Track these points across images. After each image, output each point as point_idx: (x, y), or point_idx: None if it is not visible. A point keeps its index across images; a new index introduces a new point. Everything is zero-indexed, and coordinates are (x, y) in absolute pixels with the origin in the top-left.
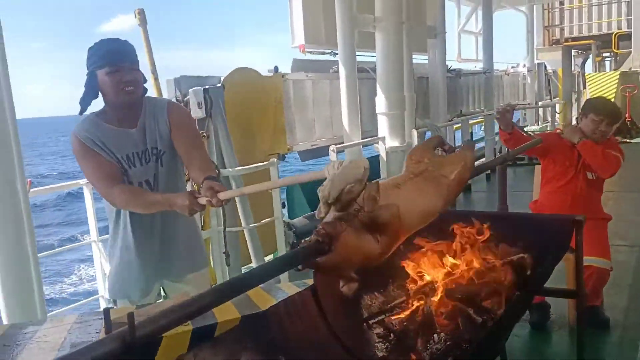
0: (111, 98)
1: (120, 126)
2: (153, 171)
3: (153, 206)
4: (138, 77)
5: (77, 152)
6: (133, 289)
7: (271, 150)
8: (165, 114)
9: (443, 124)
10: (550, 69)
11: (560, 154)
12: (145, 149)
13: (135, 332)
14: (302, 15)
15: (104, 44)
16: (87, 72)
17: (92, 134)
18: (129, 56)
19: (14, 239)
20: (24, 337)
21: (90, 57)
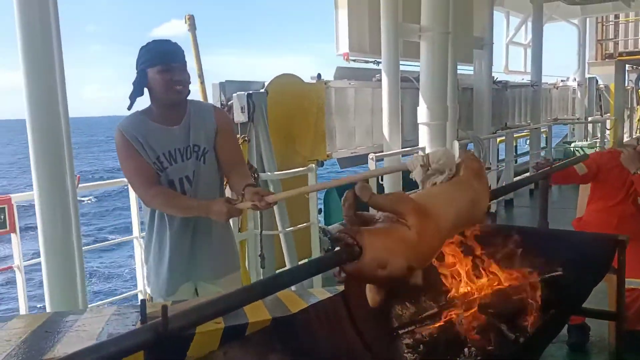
0: (160, 96)
1: (163, 123)
2: (193, 168)
3: (188, 211)
4: (187, 78)
5: (119, 148)
6: (163, 287)
7: (310, 156)
8: (213, 116)
9: (486, 136)
10: (602, 84)
11: (612, 174)
12: (188, 145)
13: (168, 325)
14: (347, 24)
15: (157, 44)
16: (138, 70)
17: (137, 131)
18: (179, 57)
19: (61, 231)
20: (64, 325)
21: (142, 55)
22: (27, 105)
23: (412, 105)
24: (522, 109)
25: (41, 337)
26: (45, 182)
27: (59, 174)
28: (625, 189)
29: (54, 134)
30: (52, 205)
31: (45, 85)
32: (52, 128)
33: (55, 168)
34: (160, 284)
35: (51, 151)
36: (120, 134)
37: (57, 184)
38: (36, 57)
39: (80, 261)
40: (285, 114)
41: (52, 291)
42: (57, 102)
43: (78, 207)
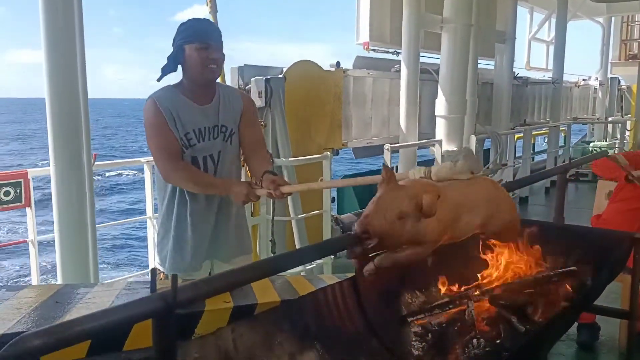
0: (194, 73)
1: (194, 100)
2: (219, 148)
3: (209, 188)
4: (222, 57)
5: (149, 118)
6: (184, 264)
7: (326, 144)
8: (240, 100)
9: (504, 132)
10: (625, 85)
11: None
12: (216, 125)
13: (177, 295)
14: (368, 13)
15: (196, 22)
16: (175, 46)
17: (171, 103)
18: (217, 36)
19: (76, 207)
20: (75, 296)
21: (181, 32)
22: (47, 83)
23: (430, 98)
24: (542, 107)
25: (51, 307)
26: (61, 158)
27: (76, 151)
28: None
29: (72, 112)
30: (68, 181)
31: (66, 64)
32: (71, 106)
33: (73, 145)
34: (184, 261)
35: (69, 128)
36: (154, 103)
37: (73, 161)
38: (57, 36)
39: (94, 236)
40: (302, 100)
41: (65, 265)
42: (77, 80)
43: (93, 184)
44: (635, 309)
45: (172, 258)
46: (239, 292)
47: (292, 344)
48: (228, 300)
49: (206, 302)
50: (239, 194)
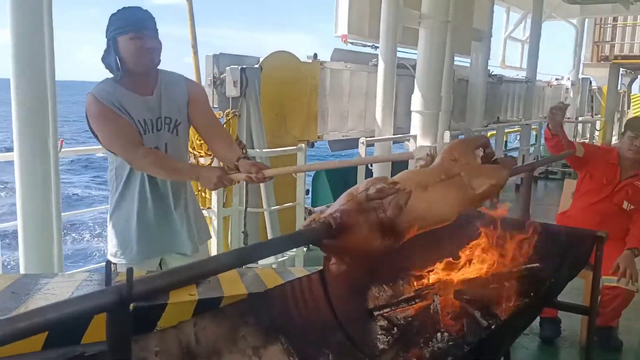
0: (131, 64)
1: (136, 92)
2: (165, 140)
3: (177, 173)
4: (158, 45)
5: (95, 114)
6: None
7: (301, 136)
8: (184, 87)
9: (478, 129)
10: (596, 86)
11: (600, 169)
12: (159, 116)
13: (132, 289)
14: (347, 5)
15: (127, 12)
16: (108, 38)
17: (112, 96)
18: (150, 24)
19: (41, 194)
20: (33, 287)
21: (113, 23)
22: (13, 64)
23: (407, 93)
24: (515, 105)
25: (7, 297)
26: (27, 144)
27: (42, 136)
28: (610, 187)
29: (38, 95)
30: (33, 167)
31: (32, 45)
32: (37, 89)
33: (38, 130)
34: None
35: (35, 113)
36: (94, 98)
37: (39, 146)
38: (24, 15)
39: (59, 226)
40: (278, 91)
41: (27, 254)
42: (44, 62)
43: (59, 171)
44: (596, 305)
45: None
46: (205, 285)
47: (256, 338)
48: (193, 293)
49: (170, 294)
50: (209, 178)
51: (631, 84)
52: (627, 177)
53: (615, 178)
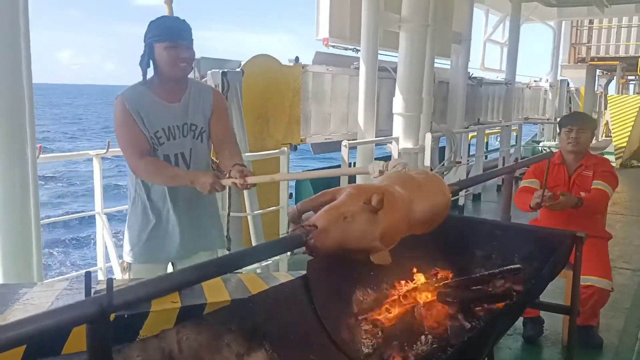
0: (164, 71)
1: (164, 98)
2: (190, 146)
3: (176, 179)
4: (192, 56)
5: (118, 117)
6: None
7: (284, 139)
8: (211, 97)
9: (458, 131)
10: (573, 87)
11: (551, 177)
12: (185, 123)
13: (113, 300)
14: (328, 9)
15: (166, 20)
16: (145, 44)
17: (139, 103)
18: (187, 35)
19: (19, 202)
20: (12, 297)
21: (151, 30)
22: None
23: (389, 95)
24: (495, 106)
25: None
26: (4, 151)
27: (19, 143)
28: (564, 186)
29: (15, 101)
30: (11, 175)
31: (8, 48)
32: (14, 94)
33: (16, 136)
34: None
35: (12, 118)
36: (122, 103)
37: (16, 153)
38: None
39: (37, 234)
40: (260, 95)
41: (5, 263)
42: (21, 67)
43: (37, 178)
44: (576, 304)
45: (147, 248)
46: (188, 291)
47: (240, 345)
48: (176, 300)
49: (152, 302)
50: (204, 183)
51: (607, 85)
52: (573, 170)
53: (564, 176)
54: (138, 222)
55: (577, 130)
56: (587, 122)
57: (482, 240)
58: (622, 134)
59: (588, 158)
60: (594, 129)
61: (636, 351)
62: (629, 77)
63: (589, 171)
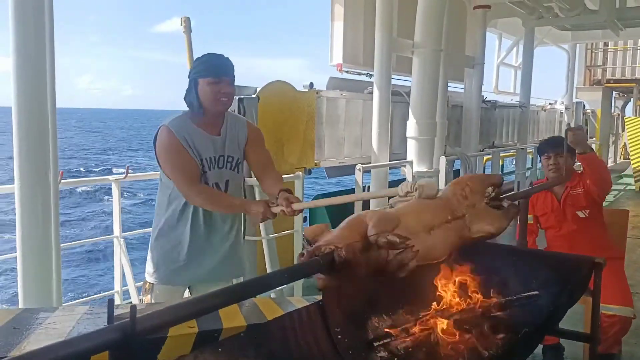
0: (206, 105)
1: (206, 130)
2: (226, 177)
3: (230, 208)
4: (233, 92)
5: (165, 145)
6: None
7: (298, 163)
8: (246, 130)
9: (473, 154)
10: (589, 109)
11: (539, 207)
12: (222, 155)
13: (136, 325)
14: (342, 36)
15: (211, 57)
16: (190, 79)
17: (185, 132)
18: (229, 72)
19: (41, 226)
20: (34, 322)
21: (196, 66)
22: (15, 95)
23: (402, 119)
24: (510, 129)
25: (9, 332)
26: (27, 175)
27: (43, 168)
28: (557, 211)
29: (40, 126)
30: (33, 199)
31: (34, 75)
32: (39, 120)
33: (39, 162)
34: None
35: (35, 143)
36: (169, 131)
37: (39, 178)
38: (27, 43)
39: (58, 259)
40: (275, 120)
41: (27, 288)
42: (46, 93)
43: (59, 203)
44: (597, 332)
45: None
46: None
47: None
48: (192, 325)
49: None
50: (257, 212)
51: (624, 106)
52: (562, 193)
53: (554, 201)
54: (164, 244)
55: (555, 155)
56: (562, 146)
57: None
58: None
59: (573, 178)
60: (573, 151)
61: None
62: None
63: (579, 188)
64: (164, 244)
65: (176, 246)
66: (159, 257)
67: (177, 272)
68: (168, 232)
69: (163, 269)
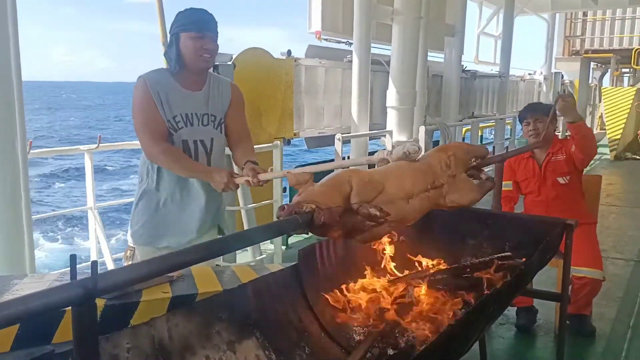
0: (187, 61)
1: (185, 86)
2: (210, 135)
3: (192, 172)
4: (216, 48)
5: (137, 97)
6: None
7: (277, 133)
8: (230, 91)
9: (453, 124)
10: (567, 79)
11: (521, 171)
12: (206, 113)
13: (97, 282)
14: (320, 2)
15: (193, 12)
16: (171, 33)
17: (160, 85)
18: (212, 27)
19: (10, 196)
20: (2, 288)
21: (178, 20)
22: None
23: (382, 89)
24: (489, 100)
25: None
26: None
27: (9, 137)
28: (538, 176)
29: (4, 97)
30: (1, 170)
31: None
32: (3, 91)
33: (6, 131)
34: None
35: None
36: (144, 83)
37: (7, 148)
38: None
39: (29, 228)
40: (252, 89)
41: None
42: (10, 62)
43: (28, 172)
44: (567, 292)
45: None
46: (179, 283)
47: (230, 333)
48: (167, 290)
49: (143, 292)
50: (219, 182)
51: (602, 77)
52: (543, 159)
53: (535, 167)
54: (144, 206)
55: (534, 121)
56: (541, 111)
57: (473, 229)
58: (616, 126)
59: (555, 145)
60: (553, 116)
61: (628, 339)
62: (623, 70)
63: (560, 154)
64: (140, 206)
65: (153, 208)
66: (140, 218)
67: (153, 231)
68: (145, 194)
69: (141, 228)
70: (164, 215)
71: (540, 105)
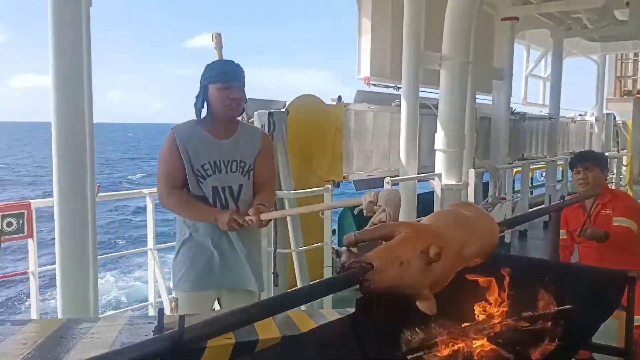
0: (216, 110)
1: (215, 136)
2: (239, 182)
3: (199, 215)
4: (242, 97)
5: (165, 147)
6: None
7: (327, 176)
8: (260, 138)
9: (502, 167)
10: (620, 120)
11: (572, 222)
12: (235, 160)
13: (184, 335)
14: (369, 49)
15: (220, 64)
16: (201, 85)
17: (188, 137)
18: (239, 78)
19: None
20: (79, 332)
21: (206, 72)
22: (54, 111)
23: (430, 132)
24: (540, 141)
25: (56, 342)
26: (65, 188)
27: (80, 181)
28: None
29: (77, 140)
30: (71, 212)
31: (72, 90)
32: (77, 134)
33: (77, 175)
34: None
35: (74, 158)
36: (172, 136)
37: (77, 191)
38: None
39: (95, 270)
40: (304, 133)
41: (65, 298)
42: (83, 107)
43: (95, 215)
44: (630, 346)
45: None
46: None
47: None
48: (230, 336)
49: None
50: (222, 221)
51: None
52: (591, 209)
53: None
54: (185, 254)
55: (584, 170)
56: (591, 160)
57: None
58: None
59: (605, 196)
60: (603, 165)
61: None
62: None
63: (608, 209)
64: (188, 250)
65: (194, 255)
66: (182, 266)
67: (194, 277)
68: (185, 243)
69: (183, 276)
70: (205, 262)
71: (590, 153)
